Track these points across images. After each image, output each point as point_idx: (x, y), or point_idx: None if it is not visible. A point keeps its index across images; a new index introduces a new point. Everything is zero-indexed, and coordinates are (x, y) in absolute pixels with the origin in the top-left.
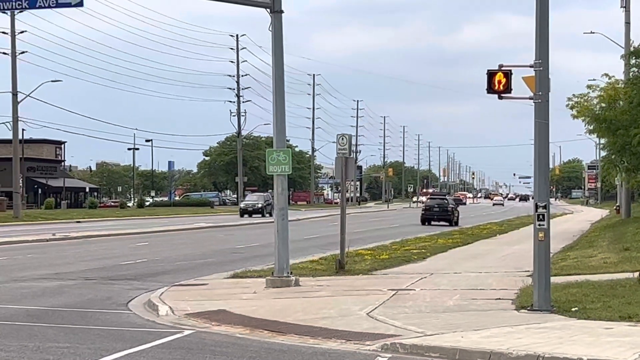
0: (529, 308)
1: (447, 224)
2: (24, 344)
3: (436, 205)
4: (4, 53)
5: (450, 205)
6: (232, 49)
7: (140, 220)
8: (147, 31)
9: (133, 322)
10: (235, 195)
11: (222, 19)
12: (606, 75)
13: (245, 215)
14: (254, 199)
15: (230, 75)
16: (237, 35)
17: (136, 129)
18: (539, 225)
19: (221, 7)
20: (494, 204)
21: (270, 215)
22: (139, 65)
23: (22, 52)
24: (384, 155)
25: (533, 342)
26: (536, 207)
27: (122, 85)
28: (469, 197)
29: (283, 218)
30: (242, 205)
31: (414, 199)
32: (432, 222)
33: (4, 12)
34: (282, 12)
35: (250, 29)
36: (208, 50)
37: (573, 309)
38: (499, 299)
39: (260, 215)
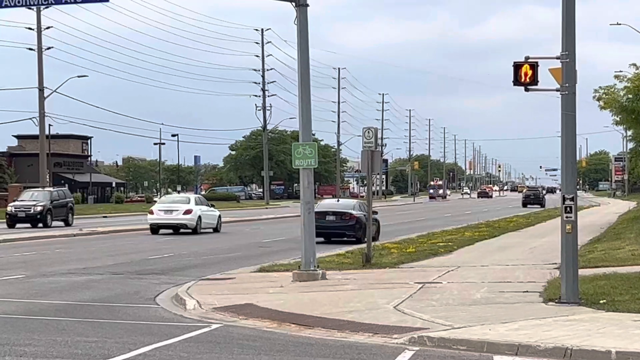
0: (556, 300)
1: (539, 206)
2: (53, 338)
3: (532, 195)
4: (30, 49)
5: (541, 194)
6: (257, 43)
7: None
8: (172, 26)
9: (161, 316)
10: (261, 189)
11: (246, 13)
12: (634, 65)
13: (25, 225)
14: (33, 197)
15: (255, 70)
16: (262, 29)
17: (162, 124)
18: (567, 217)
19: (246, 1)
20: None
21: (68, 224)
22: (164, 60)
23: (49, 48)
24: (410, 148)
25: (561, 334)
26: (563, 199)
27: (148, 80)
28: (495, 190)
29: (309, 212)
30: (9, 209)
31: (441, 191)
32: (528, 205)
33: (30, 8)
34: (307, 5)
35: (275, 23)
36: (233, 45)
37: (601, 302)
38: (527, 291)
39: (41, 225)
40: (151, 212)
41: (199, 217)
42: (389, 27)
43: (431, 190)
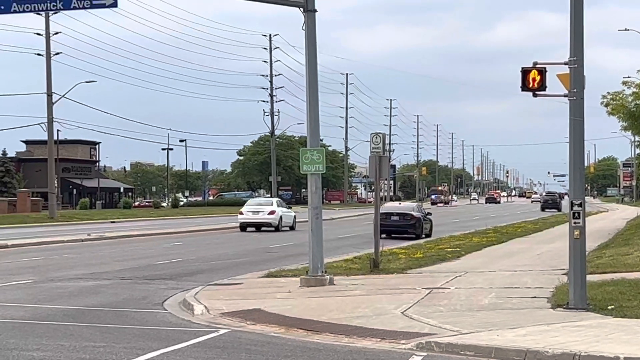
0: (564, 306)
1: (556, 210)
2: (61, 343)
3: (550, 200)
4: (39, 54)
5: (558, 200)
6: (265, 48)
7: (175, 220)
8: (180, 31)
9: (168, 321)
10: (269, 195)
11: (254, 18)
12: None
13: None
14: None
15: (263, 75)
16: (270, 35)
17: (170, 129)
18: (575, 223)
19: (253, 7)
20: (532, 201)
21: None
22: (172, 66)
23: (57, 53)
24: (418, 154)
25: (569, 340)
26: (572, 205)
27: (156, 85)
28: (503, 196)
29: (317, 217)
30: None
31: (451, 194)
32: (546, 210)
33: (39, 14)
34: (315, 11)
35: (282, 28)
36: (241, 50)
37: (609, 307)
38: (535, 297)
39: None
40: (241, 213)
41: (280, 217)
42: (396, 32)
43: (433, 196)
